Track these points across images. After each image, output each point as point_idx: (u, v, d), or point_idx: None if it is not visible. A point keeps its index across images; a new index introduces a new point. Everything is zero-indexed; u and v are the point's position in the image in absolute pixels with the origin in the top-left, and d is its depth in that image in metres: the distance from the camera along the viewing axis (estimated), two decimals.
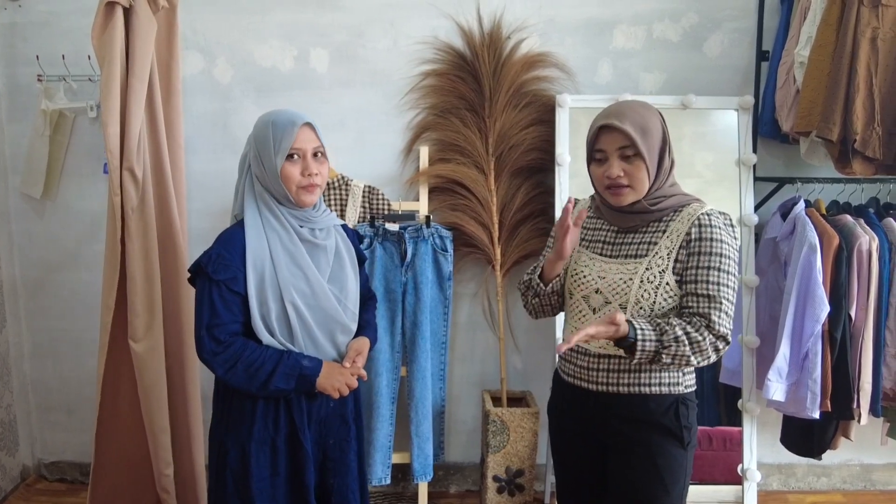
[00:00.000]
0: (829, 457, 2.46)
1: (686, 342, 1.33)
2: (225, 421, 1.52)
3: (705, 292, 1.36)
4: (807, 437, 2.29)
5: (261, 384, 1.43)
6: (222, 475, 1.50)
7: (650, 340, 1.33)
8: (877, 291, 2.14)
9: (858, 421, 2.18)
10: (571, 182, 2.34)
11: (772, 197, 2.40)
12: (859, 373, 2.15)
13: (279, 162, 1.44)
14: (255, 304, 1.45)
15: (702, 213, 1.41)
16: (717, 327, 1.35)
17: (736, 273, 1.40)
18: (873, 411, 2.17)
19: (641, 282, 1.40)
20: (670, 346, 1.33)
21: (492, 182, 2.40)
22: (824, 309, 2.06)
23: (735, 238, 1.43)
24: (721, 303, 1.36)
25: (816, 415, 2.10)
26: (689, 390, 1.48)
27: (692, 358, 1.35)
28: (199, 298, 1.45)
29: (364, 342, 1.61)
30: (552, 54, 2.42)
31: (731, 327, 1.38)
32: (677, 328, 1.34)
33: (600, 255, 1.49)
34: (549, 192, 2.40)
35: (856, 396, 2.15)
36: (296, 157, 1.46)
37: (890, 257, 2.15)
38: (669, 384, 1.45)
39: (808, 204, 2.23)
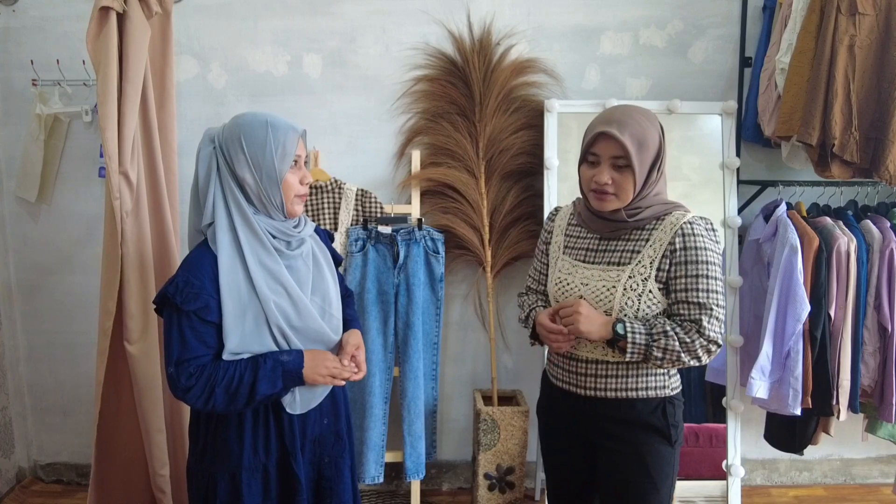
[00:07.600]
0: (810, 452, 2.53)
1: (675, 338, 1.37)
2: (210, 451, 1.42)
3: (696, 300, 1.39)
4: (789, 433, 2.35)
5: (246, 399, 1.33)
6: None
7: (640, 333, 1.38)
8: (855, 291, 2.20)
9: (838, 417, 2.24)
10: (560, 185, 2.39)
11: (755, 199, 2.46)
12: (838, 370, 2.21)
13: (284, 168, 1.37)
14: (232, 330, 1.34)
15: (684, 223, 1.42)
16: (707, 332, 1.38)
17: (721, 276, 1.43)
18: (852, 408, 2.24)
19: (625, 290, 1.43)
20: (659, 338, 1.37)
21: (482, 185, 2.44)
22: (805, 308, 2.12)
23: (717, 242, 1.45)
24: (712, 309, 1.39)
25: (798, 411, 2.16)
26: (676, 391, 1.52)
27: (682, 355, 1.38)
28: (168, 331, 1.34)
29: (359, 335, 1.55)
30: (540, 60, 2.47)
31: (723, 331, 1.41)
32: (666, 325, 1.39)
33: (583, 261, 1.51)
34: (539, 196, 2.44)
35: (835, 393, 2.21)
36: (295, 164, 1.41)
37: (867, 258, 2.21)
38: (656, 387, 1.48)
39: (789, 206, 2.29)
